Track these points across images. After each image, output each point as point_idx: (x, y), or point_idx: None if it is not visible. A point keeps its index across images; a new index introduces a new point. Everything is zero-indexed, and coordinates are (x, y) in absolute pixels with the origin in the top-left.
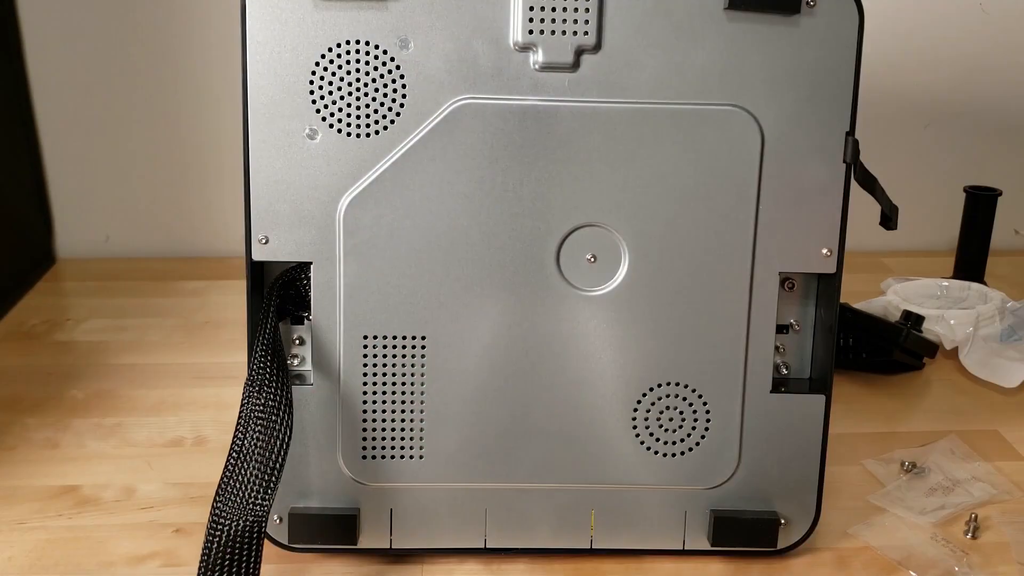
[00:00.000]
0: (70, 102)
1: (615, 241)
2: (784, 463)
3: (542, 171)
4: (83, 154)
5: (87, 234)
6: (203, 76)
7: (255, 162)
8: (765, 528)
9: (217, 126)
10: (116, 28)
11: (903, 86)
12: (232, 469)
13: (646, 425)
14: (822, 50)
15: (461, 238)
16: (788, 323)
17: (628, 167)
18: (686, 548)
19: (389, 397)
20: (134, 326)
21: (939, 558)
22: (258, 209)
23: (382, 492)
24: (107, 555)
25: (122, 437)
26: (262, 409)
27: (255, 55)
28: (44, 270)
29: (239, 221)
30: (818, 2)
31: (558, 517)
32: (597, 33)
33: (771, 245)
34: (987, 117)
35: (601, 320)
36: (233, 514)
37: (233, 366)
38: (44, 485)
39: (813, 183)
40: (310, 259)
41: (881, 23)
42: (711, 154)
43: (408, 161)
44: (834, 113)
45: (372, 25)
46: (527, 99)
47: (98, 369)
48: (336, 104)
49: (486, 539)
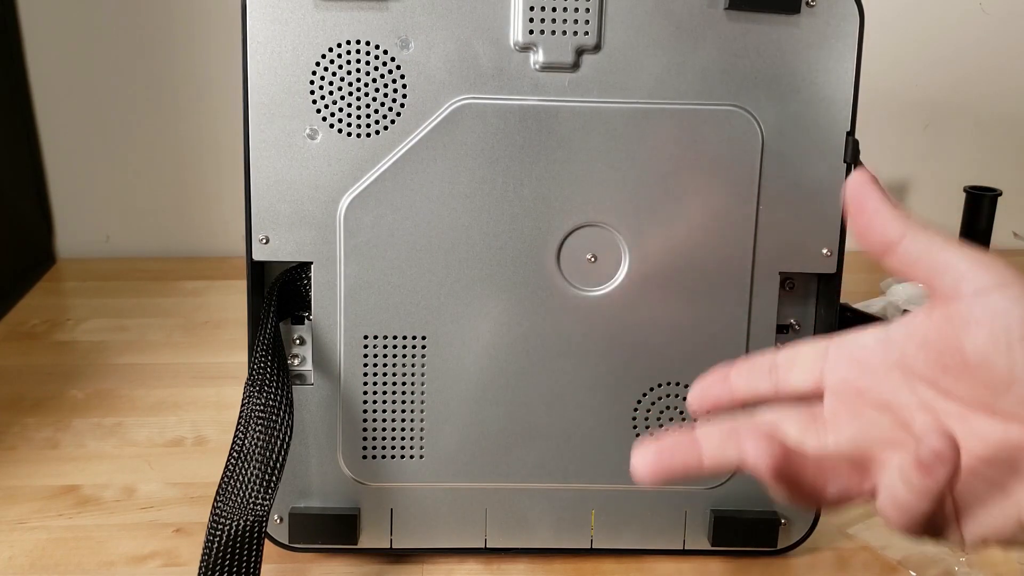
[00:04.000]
0: (70, 102)
1: (615, 241)
2: None
3: (542, 171)
4: (83, 154)
5: (87, 234)
6: (203, 76)
7: (255, 162)
8: (765, 528)
9: (217, 126)
10: (116, 28)
11: (903, 86)
12: (232, 469)
13: (646, 425)
14: (822, 50)
15: (461, 238)
16: (788, 323)
17: (628, 167)
18: (686, 548)
19: (389, 397)
20: (134, 326)
21: (939, 558)
22: (258, 209)
23: (382, 492)
24: (107, 555)
25: (122, 437)
26: (262, 409)
27: (255, 55)
28: (44, 270)
29: (239, 221)
30: (818, 2)
31: (558, 517)
32: (597, 33)
33: (771, 245)
34: (987, 117)
35: (601, 320)
36: (233, 514)
37: (233, 366)
38: (44, 485)
39: (813, 183)
40: (310, 259)
41: (881, 23)
42: (711, 154)
43: (408, 161)
44: (834, 113)
45: (372, 25)
46: (527, 99)
47: (98, 369)
48: (336, 104)
49: (486, 539)
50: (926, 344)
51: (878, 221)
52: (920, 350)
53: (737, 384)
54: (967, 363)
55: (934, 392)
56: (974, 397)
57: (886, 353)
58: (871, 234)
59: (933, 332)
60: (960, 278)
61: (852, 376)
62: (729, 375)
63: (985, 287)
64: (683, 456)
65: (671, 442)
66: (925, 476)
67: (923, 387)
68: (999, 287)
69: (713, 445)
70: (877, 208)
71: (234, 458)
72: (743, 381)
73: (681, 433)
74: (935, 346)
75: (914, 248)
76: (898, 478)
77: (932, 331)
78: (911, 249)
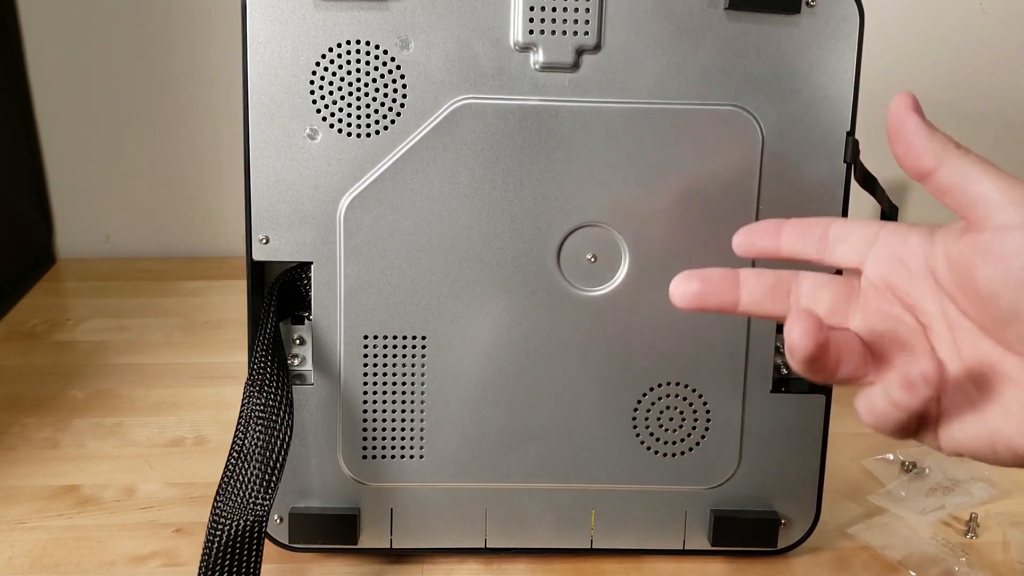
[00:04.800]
0: (70, 102)
1: (615, 241)
2: (784, 463)
3: (542, 171)
4: (83, 154)
5: (87, 234)
6: (203, 76)
7: (255, 162)
8: (765, 528)
9: (217, 126)
10: (116, 28)
11: (903, 86)
12: (232, 469)
13: (646, 425)
14: (822, 50)
15: (462, 238)
16: None
17: (628, 167)
18: (686, 548)
19: (389, 397)
20: (134, 326)
21: (939, 558)
22: (258, 209)
23: (382, 492)
24: (107, 555)
25: (122, 437)
26: (262, 409)
27: (255, 55)
28: (44, 270)
29: (239, 221)
30: (818, 2)
31: (558, 517)
32: (597, 33)
33: None
34: (987, 117)
35: (601, 320)
36: (233, 514)
37: (233, 366)
38: (44, 485)
39: (813, 183)
40: (310, 259)
41: (881, 23)
42: (711, 154)
43: (408, 161)
44: (834, 113)
45: (372, 25)
46: (527, 99)
47: (98, 369)
48: (336, 104)
49: (486, 539)
50: (951, 263)
51: (914, 149)
52: (946, 267)
53: (787, 242)
54: (978, 292)
55: (954, 307)
56: (983, 323)
57: (925, 258)
58: (907, 161)
59: (958, 254)
60: (989, 210)
61: (890, 271)
62: (780, 231)
63: (1011, 224)
64: (723, 293)
65: (716, 276)
66: (906, 392)
67: (946, 300)
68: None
69: (755, 293)
70: (915, 135)
71: (234, 458)
72: (793, 241)
73: (725, 271)
74: (958, 268)
75: (948, 178)
76: (878, 387)
77: (958, 253)
78: (945, 178)
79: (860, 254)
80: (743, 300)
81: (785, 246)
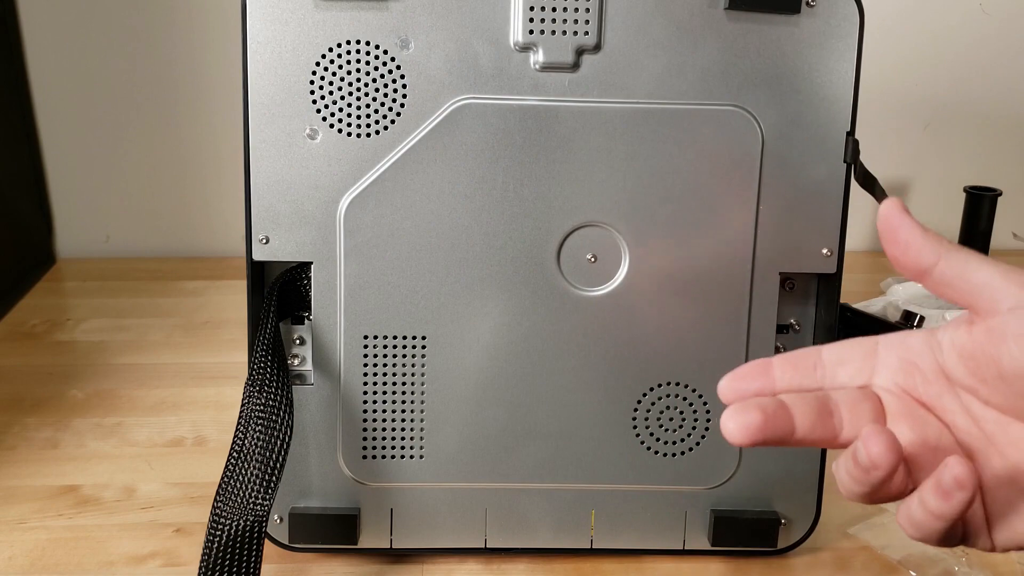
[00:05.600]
0: (70, 102)
1: (615, 241)
2: (784, 463)
3: (542, 171)
4: (83, 154)
5: (87, 234)
6: (203, 76)
7: (255, 162)
8: (765, 528)
9: (217, 126)
10: (116, 28)
11: (903, 86)
12: (232, 469)
13: (646, 425)
14: (822, 50)
15: (462, 238)
16: (788, 323)
17: (628, 167)
18: (686, 548)
19: (389, 397)
20: (134, 326)
21: (939, 558)
22: (258, 209)
23: (382, 492)
24: (107, 555)
25: (122, 437)
26: (262, 409)
27: (255, 55)
28: (44, 270)
29: (239, 221)
30: (818, 2)
31: (558, 517)
32: (597, 33)
33: (771, 245)
34: (987, 117)
35: (601, 320)
36: (233, 514)
37: (233, 366)
38: (44, 485)
39: (813, 183)
40: (310, 259)
41: (881, 23)
42: (711, 154)
43: (409, 161)
44: (834, 113)
45: (372, 25)
46: (527, 99)
47: (98, 369)
48: (336, 104)
49: (486, 539)
50: (965, 356)
51: (912, 248)
52: (960, 361)
53: (781, 379)
54: (1003, 375)
55: (975, 400)
56: (1011, 406)
57: (934, 358)
58: (906, 262)
59: (972, 345)
60: (996, 295)
61: (903, 375)
62: (769, 371)
63: (1022, 303)
64: (779, 428)
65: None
66: (943, 500)
67: (965, 394)
68: None
69: (807, 420)
70: (910, 236)
71: (234, 458)
72: (788, 377)
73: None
74: (974, 358)
75: (949, 271)
76: (915, 496)
77: (971, 344)
78: (946, 272)
79: (865, 370)
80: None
81: (780, 383)
